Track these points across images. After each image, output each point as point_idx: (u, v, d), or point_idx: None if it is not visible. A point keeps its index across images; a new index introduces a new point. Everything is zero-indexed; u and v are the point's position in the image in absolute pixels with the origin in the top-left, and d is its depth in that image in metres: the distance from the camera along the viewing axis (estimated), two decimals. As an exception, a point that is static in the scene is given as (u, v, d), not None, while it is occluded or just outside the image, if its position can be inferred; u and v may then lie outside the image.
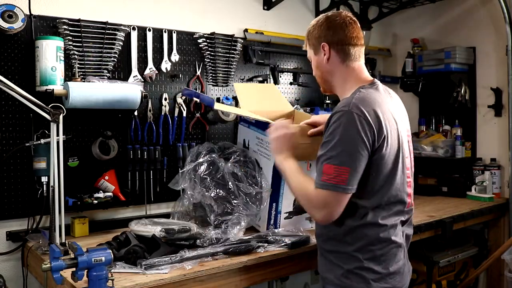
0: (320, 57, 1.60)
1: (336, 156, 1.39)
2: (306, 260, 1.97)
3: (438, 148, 3.23)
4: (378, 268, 1.46)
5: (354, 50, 1.56)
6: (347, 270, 1.48)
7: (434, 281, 2.76)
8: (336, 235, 1.51)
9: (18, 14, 1.99)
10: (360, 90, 1.49)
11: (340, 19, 1.57)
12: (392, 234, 1.48)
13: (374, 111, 1.41)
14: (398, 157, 1.48)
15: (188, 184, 2.03)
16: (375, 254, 1.47)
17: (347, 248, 1.49)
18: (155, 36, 2.46)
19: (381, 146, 1.42)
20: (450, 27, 3.42)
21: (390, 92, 1.61)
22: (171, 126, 2.50)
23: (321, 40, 1.58)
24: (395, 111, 1.53)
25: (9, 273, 2.09)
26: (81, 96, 2.00)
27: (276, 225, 2.09)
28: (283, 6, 3.02)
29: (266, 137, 1.99)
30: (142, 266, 1.61)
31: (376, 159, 1.43)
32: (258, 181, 2.04)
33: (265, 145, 2.07)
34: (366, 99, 1.44)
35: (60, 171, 1.81)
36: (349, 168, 1.38)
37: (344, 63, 1.57)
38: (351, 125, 1.38)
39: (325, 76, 1.62)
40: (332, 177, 1.38)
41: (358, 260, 1.47)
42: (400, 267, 1.51)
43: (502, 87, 3.12)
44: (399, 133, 1.50)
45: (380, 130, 1.41)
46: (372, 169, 1.43)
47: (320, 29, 1.59)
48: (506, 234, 2.99)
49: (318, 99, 3.15)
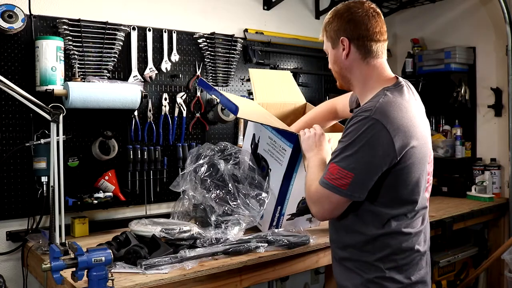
0: (339, 52, 1.45)
1: (344, 159, 1.32)
2: (306, 260, 1.97)
3: (438, 148, 3.23)
4: (400, 278, 1.38)
5: (376, 46, 1.43)
6: (366, 280, 1.40)
7: (434, 281, 2.76)
8: (356, 243, 1.43)
9: (18, 14, 1.99)
10: (385, 94, 1.37)
11: (363, 11, 1.42)
12: (415, 242, 1.41)
13: (398, 120, 1.31)
14: (424, 164, 1.40)
15: (189, 185, 2.03)
16: (398, 263, 1.39)
17: (368, 257, 1.40)
18: (155, 36, 2.46)
19: (404, 157, 1.32)
20: (450, 27, 3.42)
21: (413, 92, 1.49)
22: (171, 126, 2.50)
23: (340, 34, 1.43)
24: (419, 113, 1.43)
25: (9, 273, 2.09)
26: (81, 96, 2.00)
27: (278, 226, 2.09)
28: (283, 6, 3.02)
29: (281, 141, 1.95)
30: (142, 266, 1.61)
31: (400, 169, 1.34)
32: (257, 183, 2.04)
33: (278, 149, 1.99)
34: (391, 106, 1.33)
35: (60, 171, 1.81)
36: (353, 174, 1.30)
37: (365, 60, 1.43)
38: (369, 133, 1.29)
39: (343, 72, 1.48)
40: (334, 178, 1.33)
41: (379, 270, 1.39)
42: (423, 276, 1.43)
43: (502, 87, 3.12)
44: (424, 138, 1.40)
45: (404, 142, 1.31)
46: (396, 179, 1.35)
47: (340, 21, 1.43)
48: (506, 234, 2.99)
49: (319, 99, 3.15)
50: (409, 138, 1.32)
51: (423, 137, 1.40)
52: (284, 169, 1.93)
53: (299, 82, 3.05)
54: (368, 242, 1.40)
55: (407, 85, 1.46)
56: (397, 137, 1.29)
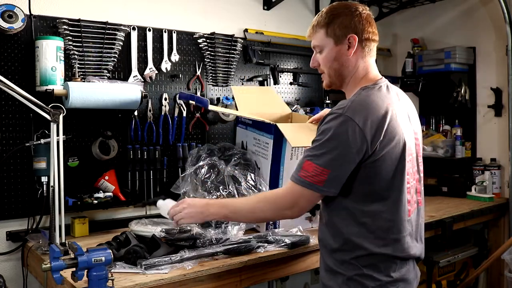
0: (343, 49, 1.49)
1: (319, 156, 1.36)
2: (306, 260, 1.97)
3: (438, 148, 3.23)
4: (378, 276, 1.39)
5: (374, 47, 1.52)
6: (347, 278, 1.42)
7: (434, 281, 2.76)
8: (334, 242, 1.45)
9: (18, 14, 1.99)
10: (360, 92, 1.43)
11: (366, 12, 1.50)
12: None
13: (370, 116, 1.35)
14: (402, 162, 1.40)
15: (189, 187, 2.04)
16: (374, 261, 1.40)
17: (346, 256, 1.42)
18: (155, 36, 2.46)
19: (376, 151, 1.35)
20: (450, 27, 3.42)
21: (397, 92, 1.52)
22: (171, 126, 2.50)
23: (349, 31, 1.47)
24: (400, 112, 1.44)
25: (9, 273, 2.09)
26: (81, 96, 2.00)
27: (275, 225, 2.10)
28: (283, 6, 3.02)
29: (263, 137, 2.08)
30: (142, 266, 1.61)
31: (371, 162, 1.36)
32: (256, 184, 2.04)
33: (262, 145, 2.10)
34: (363, 103, 1.38)
35: (60, 171, 1.81)
36: (329, 170, 1.35)
37: (364, 59, 1.50)
38: (342, 130, 1.34)
39: (342, 69, 1.51)
40: (309, 175, 1.37)
41: (357, 268, 1.41)
42: (404, 274, 1.43)
43: (502, 87, 3.12)
44: (403, 136, 1.41)
45: (376, 136, 1.34)
46: (368, 172, 1.37)
47: (350, 18, 1.48)
48: (506, 234, 2.99)
49: (318, 99, 3.15)
50: (380, 133, 1.35)
51: (401, 135, 1.41)
52: (269, 162, 2.03)
53: (299, 82, 3.05)
54: (346, 242, 1.42)
55: (387, 85, 1.50)
56: (368, 131, 1.34)
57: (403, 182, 1.42)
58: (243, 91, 2.50)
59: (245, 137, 2.27)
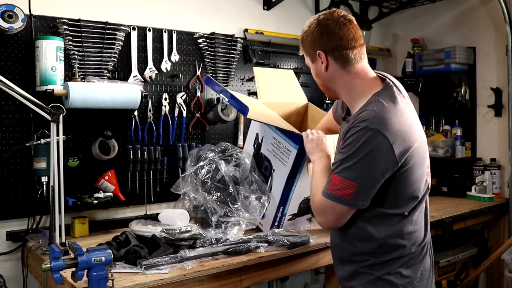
0: (318, 65, 1.48)
1: (346, 169, 1.34)
2: (306, 260, 1.97)
3: (438, 148, 3.23)
4: (407, 272, 1.42)
5: (353, 54, 1.42)
6: (375, 277, 1.43)
7: (434, 281, 2.76)
8: (369, 249, 1.45)
9: (18, 14, 1.99)
10: (378, 100, 1.37)
11: (333, 22, 1.42)
12: (421, 235, 1.47)
13: (396, 126, 1.32)
14: (425, 161, 1.44)
15: (189, 187, 2.04)
16: (406, 258, 1.43)
17: (381, 258, 1.43)
18: (155, 36, 2.46)
19: (406, 161, 1.35)
20: (450, 27, 3.42)
21: (401, 90, 1.47)
22: (171, 126, 2.50)
23: (315, 49, 1.46)
24: (411, 112, 1.44)
25: (9, 273, 2.09)
26: (81, 96, 2.00)
27: (279, 226, 2.09)
28: (283, 6, 3.02)
29: (286, 142, 1.94)
30: (142, 266, 1.61)
31: (403, 172, 1.36)
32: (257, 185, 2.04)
33: (282, 149, 1.97)
34: (387, 113, 1.34)
35: (60, 171, 1.81)
36: (356, 184, 1.33)
37: (345, 69, 1.44)
38: (370, 143, 1.30)
39: (326, 84, 1.51)
40: (336, 188, 1.36)
41: (391, 267, 1.43)
42: (428, 268, 1.49)
43: (502, 87, 3.12)
44: (422, 136, 1.43)
45: (404, 147, 1.33)
46: (400, 182, 1.38)
47: (313, 35, 1.45)
48: (506, 234, 2.99)
49: (318, 99, 3.15)
50: (408, 141, 1.34)
51: (420, 136, 1.43)
52: (288, 170, 1.93)
53: (299, 82, 3.05)
54: (381, 245, 1.42)
55: (395, 86, 1.46)
56: (396, 143, 1.31)
57: (427, 181, 1.46)
58: (264, 72, 2.41)
59: (262, 131, 2.12)
